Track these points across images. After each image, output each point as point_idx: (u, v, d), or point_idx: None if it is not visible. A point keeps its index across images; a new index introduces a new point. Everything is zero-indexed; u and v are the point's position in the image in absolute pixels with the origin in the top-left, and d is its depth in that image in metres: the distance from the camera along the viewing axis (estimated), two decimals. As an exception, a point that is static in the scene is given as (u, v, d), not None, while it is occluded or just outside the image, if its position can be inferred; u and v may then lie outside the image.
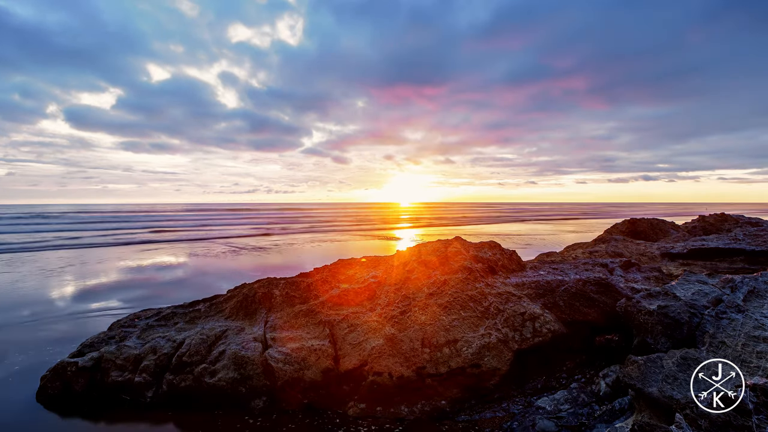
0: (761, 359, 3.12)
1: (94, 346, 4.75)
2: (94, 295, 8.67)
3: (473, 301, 4.81)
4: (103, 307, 7.67)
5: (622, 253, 7.59)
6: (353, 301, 5.23)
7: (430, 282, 5.24)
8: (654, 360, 3.35)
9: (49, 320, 6.87)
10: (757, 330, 3.47)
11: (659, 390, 3.04)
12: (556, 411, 3.60)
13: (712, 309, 3.94)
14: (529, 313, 4.62)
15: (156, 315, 5.47)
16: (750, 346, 3.31)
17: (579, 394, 3.81)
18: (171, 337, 4.77)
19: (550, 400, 3.77)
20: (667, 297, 4.29)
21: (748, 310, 3.85)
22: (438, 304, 4.78)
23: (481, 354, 4.12)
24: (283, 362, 4.14)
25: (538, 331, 4.48)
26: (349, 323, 4.70)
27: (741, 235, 8.06)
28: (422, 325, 4.45)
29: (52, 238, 21.84)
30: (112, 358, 4.45)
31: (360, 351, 4.26)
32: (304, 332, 4.68)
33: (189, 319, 5.34)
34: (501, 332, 4.37)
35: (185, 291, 8.94)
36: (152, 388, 4.24)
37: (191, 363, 4.33)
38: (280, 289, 5.58)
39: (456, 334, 4.34)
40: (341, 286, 5.57)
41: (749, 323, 3.61)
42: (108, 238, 22.14)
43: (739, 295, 4.20)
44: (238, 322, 5.10)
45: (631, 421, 2.93)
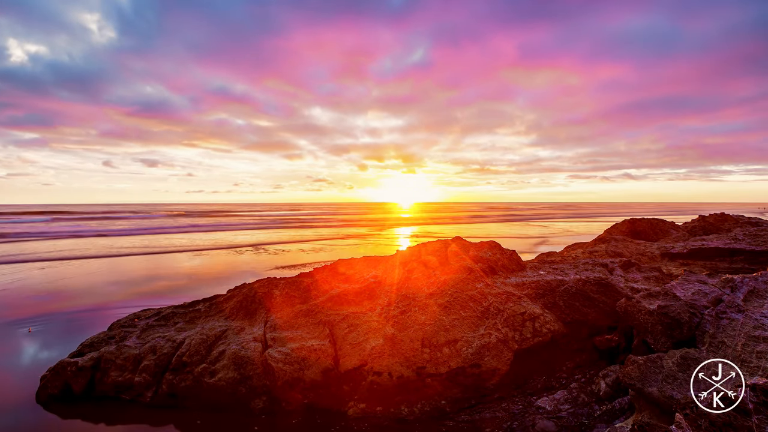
0: (761, 359, 3.12)
1: (94, 346, 4.75)
2: (94, 294, 8.67)
3: (473, 301, 4.81)
4: (103, 307, 7.67)
5: (622, 253, 7.59)
6: (353, 301, 5.23)
7: (430, 282, 5.24)
8: (654, 360, 3.35)
9: (49, 320, 6.87)
10: (757, 330, 3.47)
11: (659, 390, 3.04)
12: (556, 411, 3.60)
13: (712, 309, 3.94)
14: (529, 313, 4.62)
15: (156, 315, 5.47)
16: (750, 346, 3.31)
17: (579, 394, 3.81)
18: (171, 337, 4.77)
19: (550, 400, 3.77)
20: (667, 297, 4.30)
21: (748, 310, 3.85)
22: (438, 304, 4.78)
23: (481, 354, 4.12)
24: (283, 362, 4.14)
25: (538, 331, 4.48)
26: (349, 323, 4.70)
27: (741, 235, 8.07)
28: (422, 325, 4.45)
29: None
30: (112, 358, 4.45)
31: (360, 351, 4.26)
32: (304, 332, 4.68)
33: (189, 319, 5.34)
34: (501, 332, 4.37)
35: (179, 291, 8.93)
36: (152, 388, 4.24)
37: (191, 363, 4.33)
38: (280, 289, 5.58)
39: (456, 334, 4.34)
40: (341, 286, 5.57)
41: (749, 323, 3.61)
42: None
43: (739, 295, 4.20)
44: (238, 322, 5.10)
45: (631, 421, 2.93)
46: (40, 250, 16.17)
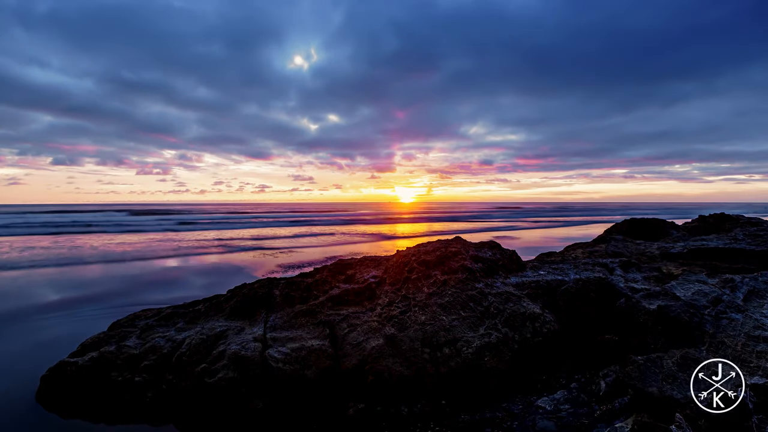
0: (761, 359, 3.12)
1: (94, 346, 4.75)
2: (94, 294, 8.68)
3: (473, 301, 4.81)
4: (103, 307, 7.67)
5: (622, 253, 7.59)
6: (353, 301, 5.24)
7: (430, 282, 5.24)
8: (654, 360, 3.36)
9: (49, 320, 6.87)
10: (757, 330, 3.48)
11: (659, 390, 3.04)
12: (556, 411, 3.60)
13: (712, 309, 3.94)
14: (529, 313, 4.62)
15: (156, 315, 5.47)
16: (750, 346, 3.31)
17: (579, 394, 3.81)
18: (171, 337, 4.77)
19: (550, 400, 3.77)
20: (667, 297, 4.30)
21: (748, 310, 3.85)
22: (438, 304, 4.78)
23: (481, 354, 4.12)
24: (283, 362, 4.14)
25: (538, 331, 4.48)
26: (349, 323, 4.71)
27: (741, 235, 8.07)
28: (422, 325, 4.45)
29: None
30: (111, 358, 4.45)
31: (360, 351, 4.26)
32: (304, 332, 4.68)
33: (189, 319, 5.34)
34: (501, 332, 4.37)
35: (182, 291, 8.94)
36: (152, 388, 4.24)
37: (191, 363, 4.33)
38: (280, 289, 5.58)
39: (456, 333, 4.34)
40: (341, 286, 5.58)
41: (749, 323, 3.61)
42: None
43: (739, 295, 4.21)
44: (238, 322, 5.10)
45: (631, 421, 2.93)
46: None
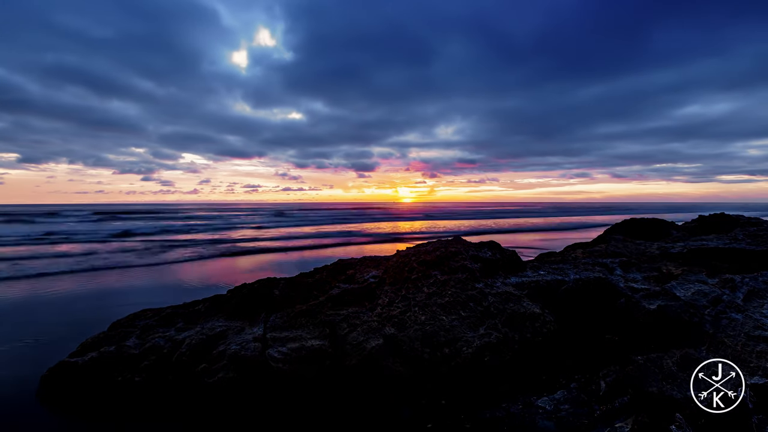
0: (761, 359, 3.13)
1: (94, 346, 4.75)
2: (94, 294, 8.68)
3: (473, 301, 4.81)
4: (103, 307, 7.67)
5: (622, 253, 7.59)
6: (353, 301, 5.24)
7: (430, 282, 5.24)
8: (654, 360, 3.36)
9: (49, 320, 6.87)
10: (757, 330, 3.48)
11: (659, 390, 3.04)
12: (556, 411, 3.60)
13: (712, 309, 3.94)
14: (529, 313, 4.62)
15: (156, 315, 5.47)
16: (750, 346, 3.31)
17: (579, 394, 3.81)
18: (171, 337, 4.77)
19: (550, 400, 3.77)
20: (667, 297, 4.30)
21: (748, 310, 3.85)
22: (438, 304, 4.78)
23: (481, 354, 4.12)
24: (283, 362, 4.14)
25: (538, 331, 4.48)
26: (349, 323, 4.71)
27: (741, 235, 8.07)
28: (422, 325, 4.45)
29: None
30: (111, 358, 4.45)
31: (360, 351, 4.26)
32: (304, 332, 4.68)
33: (189, 319, 5.34)
34: (501, 332, 4.37)
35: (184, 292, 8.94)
36: (152, 388, 4.24)
37: (191, 363, 4.33)
38: (280, 289, 5.58)
39: (456, 333, 4.34)
40: (341, 286, 5.58)
41: (749, 323, 3.61)
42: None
43: (739, 295, 4.21)
44: (238, 322, 5.10)
45: (631, 421, 2.93)
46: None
